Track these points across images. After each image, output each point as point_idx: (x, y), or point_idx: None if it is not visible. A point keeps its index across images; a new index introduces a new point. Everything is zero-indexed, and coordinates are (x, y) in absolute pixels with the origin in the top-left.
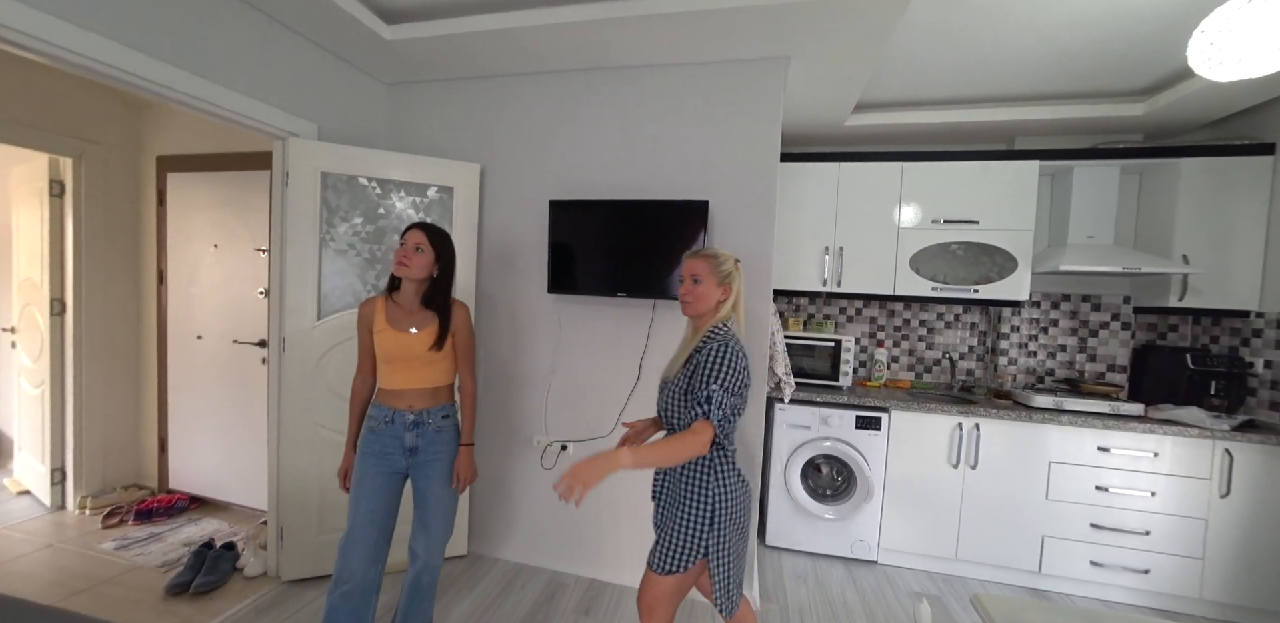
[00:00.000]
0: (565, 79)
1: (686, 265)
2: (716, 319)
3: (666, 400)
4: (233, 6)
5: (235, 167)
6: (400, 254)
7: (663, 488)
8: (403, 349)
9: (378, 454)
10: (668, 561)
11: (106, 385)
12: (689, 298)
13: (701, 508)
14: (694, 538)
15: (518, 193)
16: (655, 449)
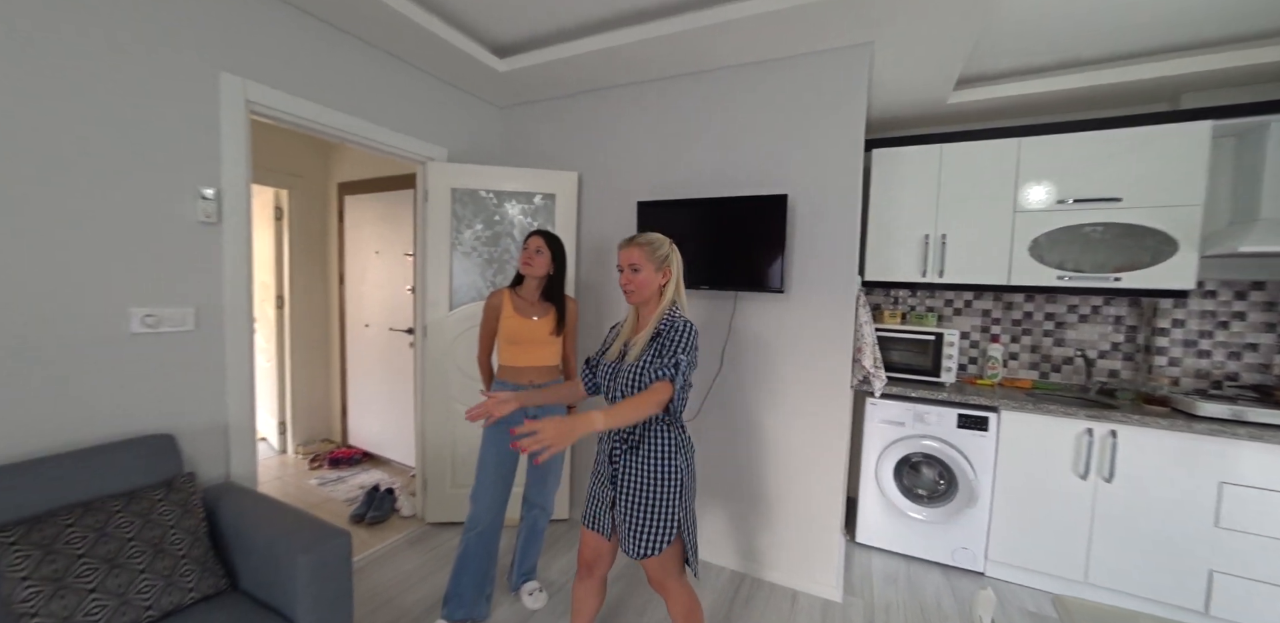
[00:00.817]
0: (653, 87)
1: (623, 255)
2: (664, 303)
3: (626, 383)
4: (381, 59)
5: (390, 187)
6: (525, 256)
7: (626, 474)
8: (527, 333)
9: (502, 422)
10: (650, 543)
11: (309, 362)
12: (630, 287)
13: (672, 486)
14: (669, 517)
15: (610, 196)
16: (624, 410)
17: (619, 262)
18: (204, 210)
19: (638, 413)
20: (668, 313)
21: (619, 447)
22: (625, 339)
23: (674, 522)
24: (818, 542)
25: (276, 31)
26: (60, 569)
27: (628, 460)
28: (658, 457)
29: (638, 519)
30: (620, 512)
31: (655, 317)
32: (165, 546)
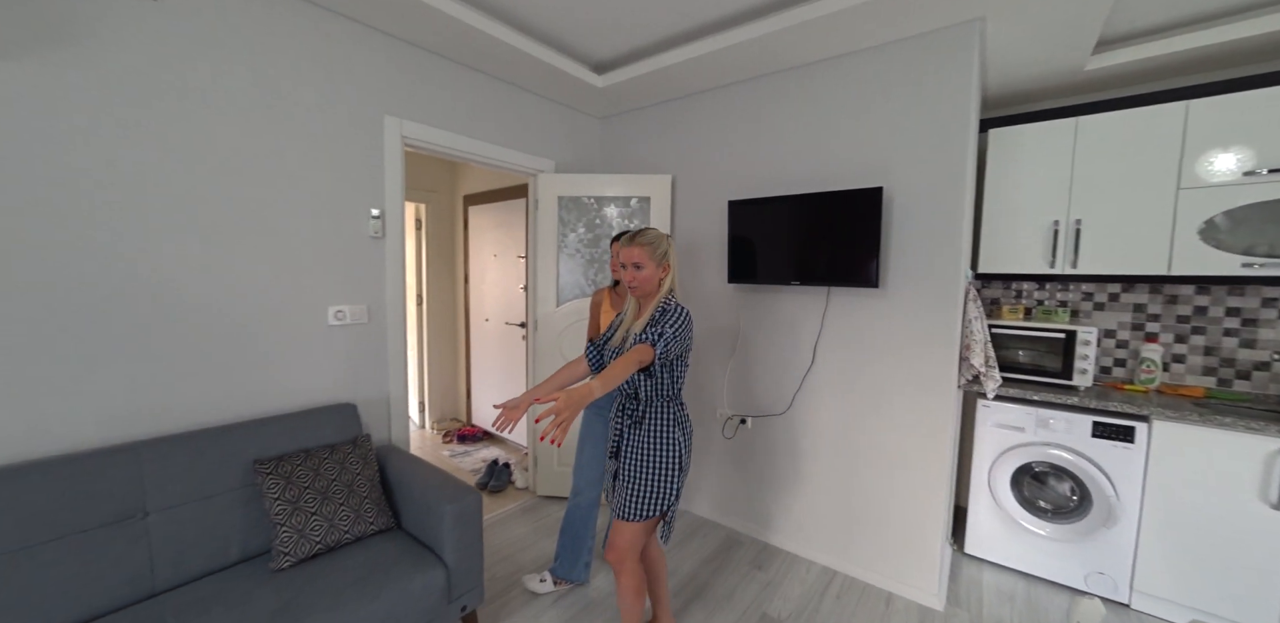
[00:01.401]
0: (740, 88)
1: (625, 254)
2: (662, 292)
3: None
4: (499, 88)
5: (506, 197)
6: (614, 264)
7: (625, 444)
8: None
9: (598, 407)
10: (643, 508)
11: (441, 351)
12: (634, 283)
13: (671, 459)
14: (667, 486)
15: (701, 196)
16: (610, 375)
17: (621, 259)
18: (374, 227)
19: (622, 371)
20: (667, 301)
21: (624, 421)
22: (627, 327)
23: (670, 492)
24: (917, 546)
25: (422, 76)
26: (295, 495)
27: (631, 434)
28: (658, 431)
29: (635, 486)
30: (620, 479)
31: (653, 305)
32: (355, 487)
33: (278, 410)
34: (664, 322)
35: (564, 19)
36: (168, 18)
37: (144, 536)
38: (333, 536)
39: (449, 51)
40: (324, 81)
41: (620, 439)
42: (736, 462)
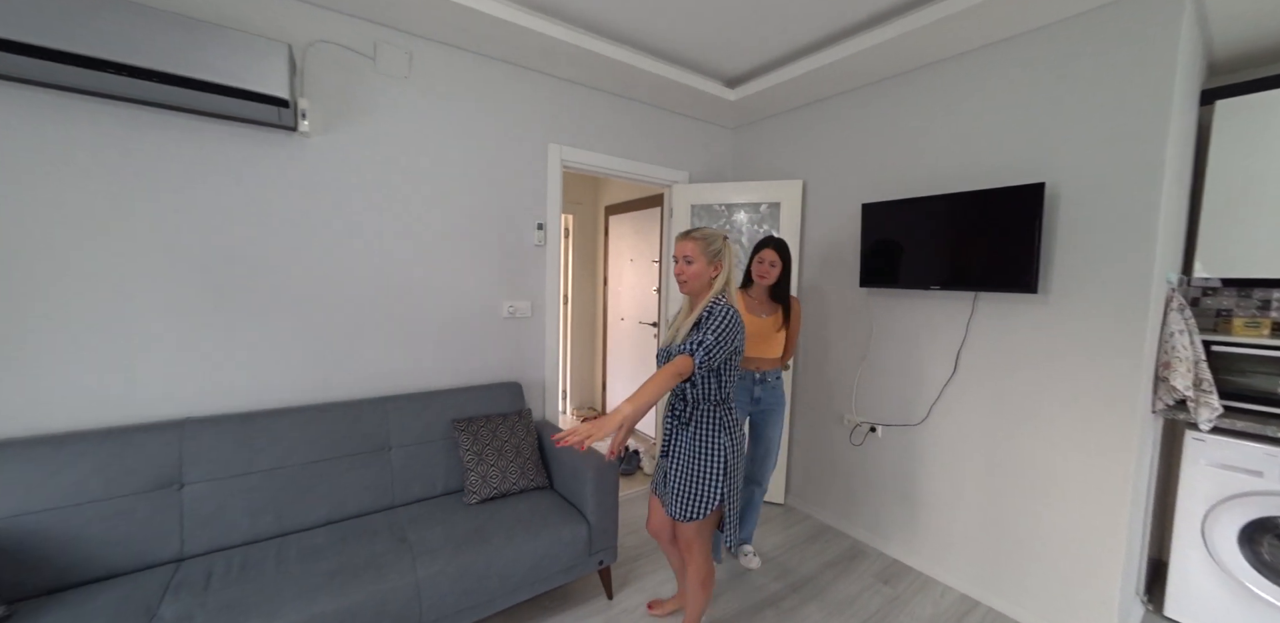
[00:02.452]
0: (873, 90)
1: (678, 247)
2: (712, 293)
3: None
4: (639, 109)
5: (642, 207)
6: (759, 269)
7: (673, 446)
8: (756, 329)
9: (742, 409)
10: (690, 510)
11: (581, 346)
12: (683, 277)
13: (717, 462)
14: (712, 488)
15: (834, 200)
16: (643, 392)
17: (674, 251)
18: (538, 237)
19: (657, 388)
20: (715, 301)
21: (672, 422)
22: (677, 326)
23: (717, 494)
24: (1086, 591)
25: (577, 107)
26: (480, 449)
27: (678, 435)
28: (704, 434)
29: (683, 488)
30: (669, 479)
31: (703, 305)
32: (520, 449)
33: (466, 383)
34: (707, 327)
35: (700, 43)
36: (414, 89)
37: (388, 464)
38: (504, 485)
39: (600, 83)
40: (502, 119)
41: (669, 439)
42: (864, 471)
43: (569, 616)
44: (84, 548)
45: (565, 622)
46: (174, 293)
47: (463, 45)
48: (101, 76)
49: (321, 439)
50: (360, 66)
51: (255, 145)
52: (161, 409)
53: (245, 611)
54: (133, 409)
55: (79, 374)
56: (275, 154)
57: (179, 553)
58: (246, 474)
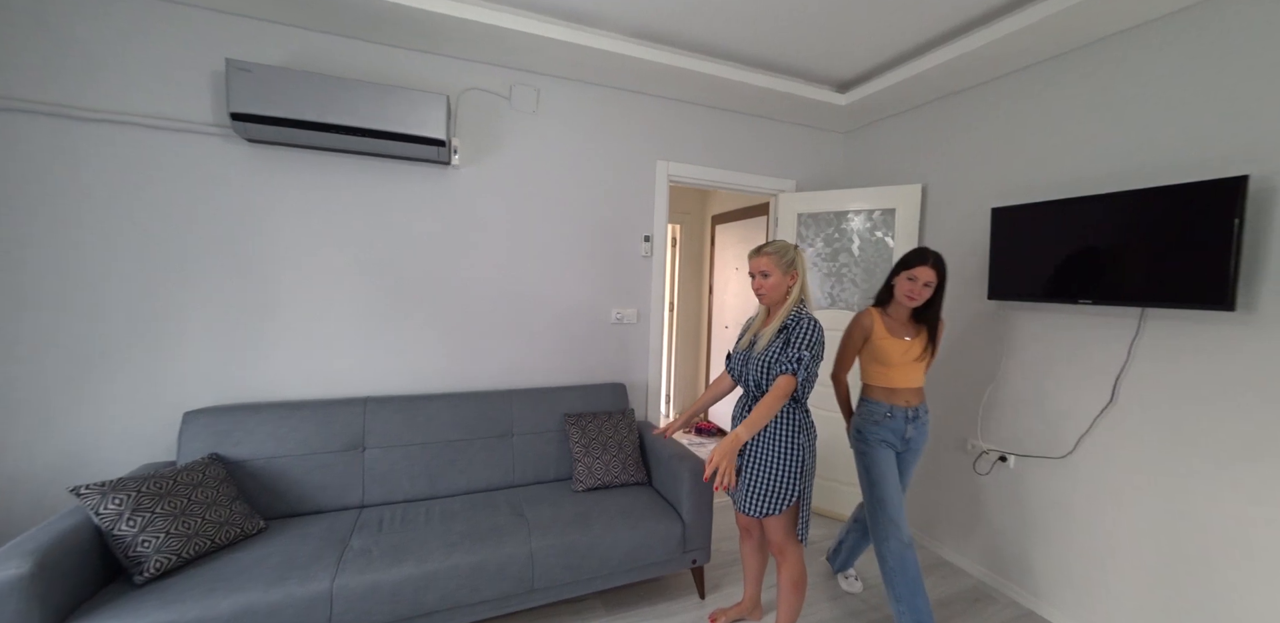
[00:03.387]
0: (1004, 83)
1: (754, 263)
2: (790, 301)
3: (756, 371)
4: (745, 121)
5: (748, 216)
6: (911, 289)
7: (752, 446)
8: (902, 354)
9: (887, 443)
10: (760, 505)
11: (686, 352)
12: (762, 290)
13: (794, 461)
14: (791, 485)
15: (957, 204)
16: (757, 416)
17: (750, 268)
18: (644, 249)
19: (769, 412)
20: (794, 310)
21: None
22: (755, 331)
23: (792, 491)
24: None
25: (683, 123)
26: (587, 442)
27: (756, 435)
28: (781, 435)
29: (757, 485)
30: (742, 477)
31: (782, 313)
32: (622, 446)
33: (577, 382)
34: (799, 342)
35: (807, 50)
36: (540, 122)
37: (510, 448)
38: (607, 477)
39: (705, 99)
40: (614, 140)
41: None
42: (992, 503)
43: (662, 609)
44: (305, 488)
45: (658, 613)
46: (359, 299)
47: (580, 78)
48: (328, 136)
49: (461, 422)
50: (498, 106)
51: (419, 179)
52: (351, 388)
53: (405, 552)
54: (333, 387)
55: (300, 359)
56: (433, 185)
57: (361, 501)
58: (408, 445)
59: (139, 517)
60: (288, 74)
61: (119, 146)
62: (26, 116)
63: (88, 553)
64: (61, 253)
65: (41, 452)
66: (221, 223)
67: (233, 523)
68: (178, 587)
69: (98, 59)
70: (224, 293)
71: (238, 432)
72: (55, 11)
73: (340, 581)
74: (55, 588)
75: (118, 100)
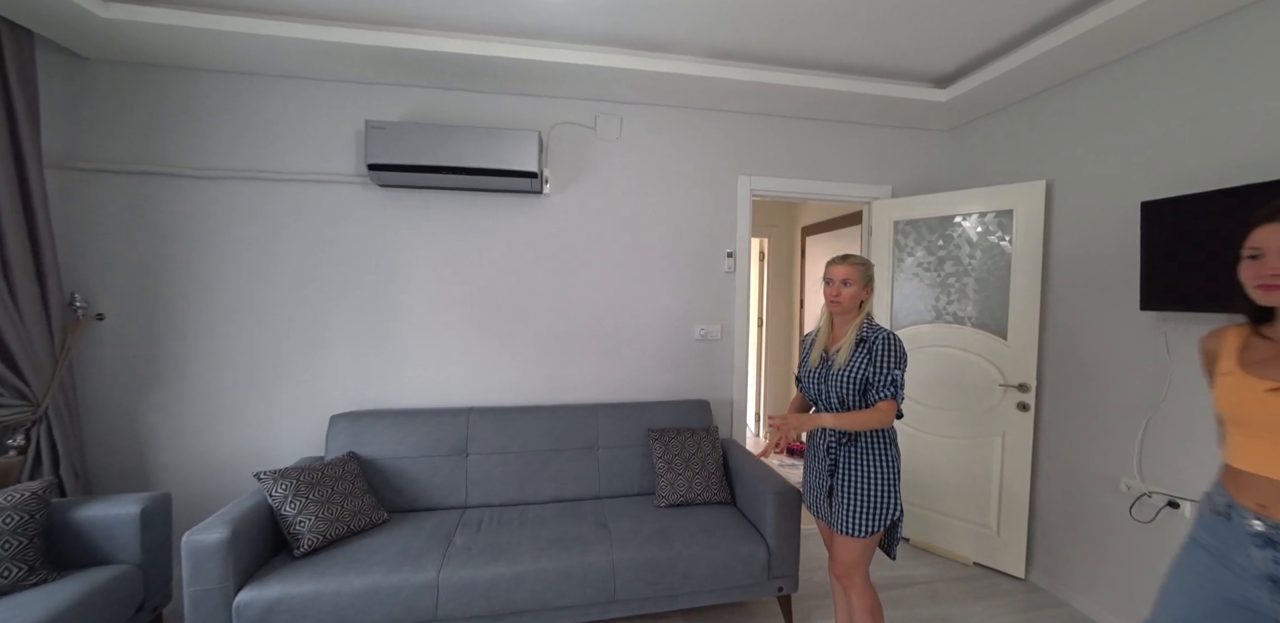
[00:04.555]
0: (1149, 57)
1: (837, 271)
2: (862, 314)
3: (840, 387)
4: (831, 128)
5: (841, 225)
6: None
7: (841, 463)
8: (1258, 407)
9: (1212, 554)
10: (867, 524)
11: (776, 369)
12: (839, 299)
13: (890, 473)
14: (888, 500)
15: (1092, 201)
16: (853, 418)
17: (829, 276)
18: (727, 264)
19: (863, 425)
20: (866, 322)
21: (839, 440)
22: (824, 346)
23: (892, 504)
24: None
25: (764, 136)
26: (670, 458)
27: (846, 452)
28: (876, 449)
29: (858, 502)
30: (839, 498)
31: (855, 325)
32: (705, 464)
33: (661, 398)
34: (887, 360)
35: (894, 48)
36: (622, 147)
37: (596, 460)
38: (690, 494)
39: (786, 111)
40: (693, 159)
41: (835, 459)
42: (1156, 557)
43: None
44: (420, 487)
45: None
46: (465, 318)
47: (659, 102)
48: (443, 177)
49: (550, 433)
50: (585, 136)
51: (515, 210)
52: (457, 398)
53: (500, 552)
54: (442, 397)
55: (417, 372)
56: (528, 214)
57: (464, 502)
58: (505, 453)
59: (298, 501)
60: (409, 127)
61: (292, 198)
62: (233, 182)
63: (265, 527)
64: (251, 280)
65: (235, 441)
66: (360, 257)
67: (364, 513)
68: (323, 562)
69: (274, 131)
70: (360, 315)
71: (367, 434)
72: (245, 94)
73: (445, 573)
74: (244, 552)
75: (286, 162)
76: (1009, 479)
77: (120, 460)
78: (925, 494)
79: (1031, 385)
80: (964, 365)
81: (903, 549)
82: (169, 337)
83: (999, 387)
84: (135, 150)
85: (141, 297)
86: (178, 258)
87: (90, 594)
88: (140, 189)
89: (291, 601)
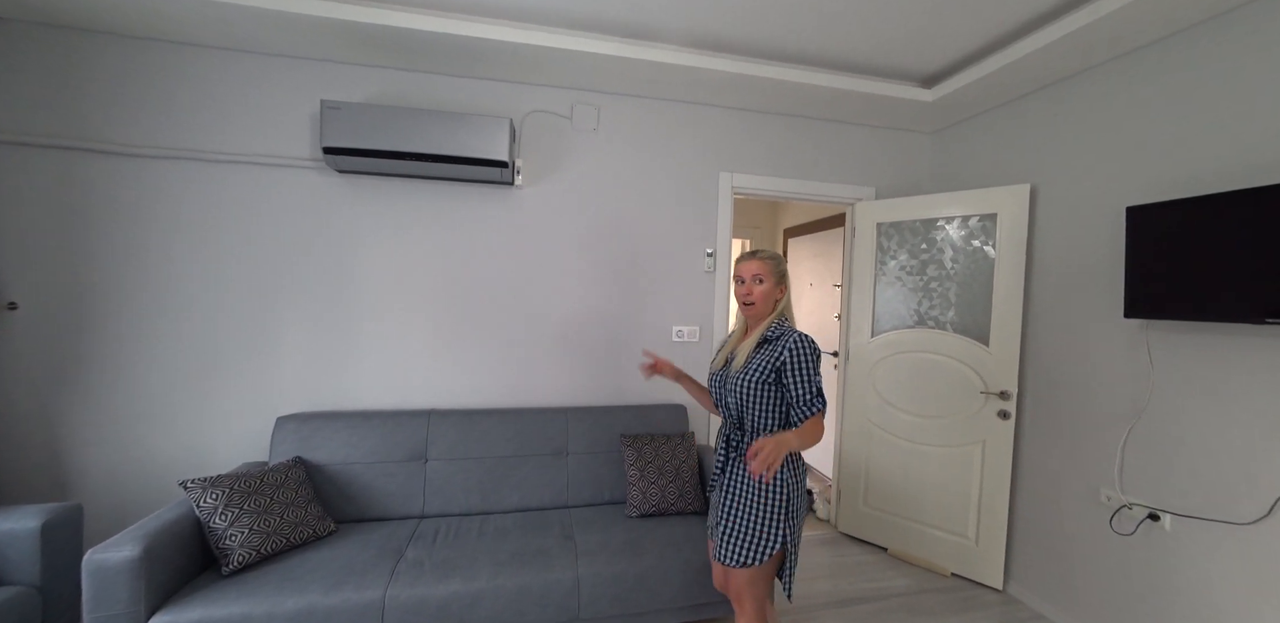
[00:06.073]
0: (1138, 57)
1: (746, 267)
2: (775, 314)
3: (740, 392)
4: (817, 127)
5: (823, 228)
6: None
7: (732, 482)
8: None
9: None
10: (745, 553)
11: None
12: (752, 298)
13: (778, 499)
14: (773, 529)
15: (1076, 205)
16: (805, 436)
17: (739, 273)
18: (707, 264)
19: (812, 443)
20: (777, 323)
21: (731, 454)
22: (731, 348)
23: (778, 535)
24: None
25: (747, 132)
26: (643, 465)
27: (735, 469)
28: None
29: (739, 528)
30: (722, 519)
31: (764, 326)
32: (680, 471)
33: (635, 402)
34: (804, 368)
35: (881, 45)
36: (600, 139)
37: (565, 467)
38: (663, 503)
39: (770, 107)
40: (674, 153)
41: (722, 472)
42: (1137, 571)
43: None
44: (372, 495)
45: None
46: (428, 313)
47: (639, 93)
48: (405, 164)
49: (516, 437)
50: (560, 126)
51: (484, 201)
52: (417, 400)
53: (455, 567)
54: (400, 398)
55: (375, 370)
56: (497, 205)
57: (421, 512)
58: (465, 459)
59: (230, 512)
60: (370, 109)
61: (238, 182)
62: (170, 162)
63: (188, 542)
64: (189, 269)
65: (165, 445)
66: (314, 247)
67: (307, 524)
68: (254, 581)
69: (221, 109)
70: (315, 308)
71: (318, 437)
72: (190, 67)
73: (392, 591)
74: (160, 571)
75: (234, 143)
76: (988, 489)
77: (32, 465)
78: (902, 503)
79: (1013, 393)
80: (945, 372)
81: (880, 559)
82: (91, 328)
83: (980, 394)
84: (60, 123)
85: (61, 284)
86: (105, 242)
87: None
88: (64, 165)
89: None
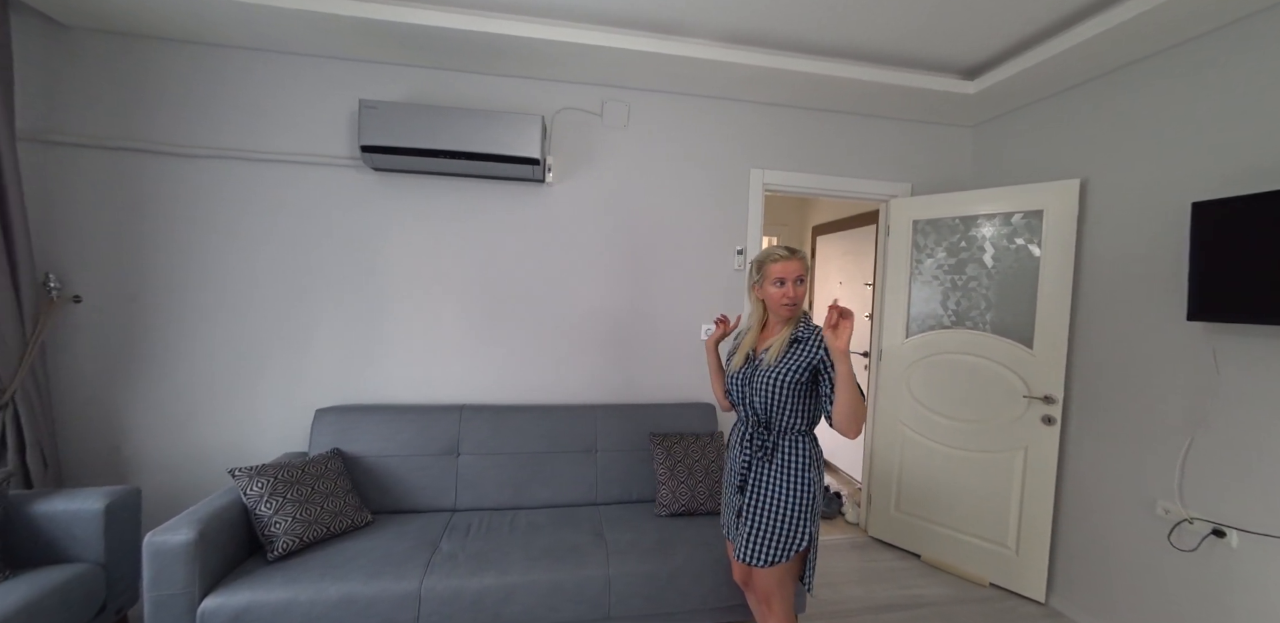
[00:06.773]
0: (1200, 46)
1: (788, 268)
2: (798, 311)
3: (769, 391)
4: (850, 121)
5: (854, 225)
6: None
7: (753, 480)
8: None
9: None
10: (771, 552)
11: None
12: (796, 300)
13: (805, 497)
14: (799, 528)
15: (1133, 201)
16: (854, 389)
17: (780, 274)
18: (737, 262)
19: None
20: (804, 321)
21: (756, 454)
22: (750, 347)
23: (803, 534)
24: None
25: (779, 128)
26: (672, 464)
27: (760, 468)
28: (793, 467)
29: (764, 527)
30: (745, 519)
31: (790, 324)
32: (709, 471)
33: (664, 400)
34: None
35: (920, 35)
36: (630, 136)
37: (594, 464)
38: (692, 503)
39: (803, 102)
40: (705, 150)
41: (747, 472)
42: (1200, 590)
43: None
44: (407, 487)
45: None
46: (460, 309)
47: (670, 89)
48: (438, 161)
49: (547, 434)
50: (590, 123)
51: (515, 198)
52: (449, 395)
53: (488, 561)
54: (433, 393)
55: (407, 364)
56: (527, 203)
57: (453, 505)
58: (497, 454)
59: (275, 500)
60: (406, 108)
61: (277, 179)
62: (206, 160)
63: (237, 528)
64: (233, 265)
65: (212, 435)
66: (349, 244)
67: (345, 514)
68: (298, 568)
69: (264, 109)
70: (350, 303)
71: (354, 430)
72: (234, 69)
73: (428, 583)
74: (212, 554)
75: (276, 142)
76: (1030, 497)
77: (93, 451)
78: (937, 509)
79: (1058, 398)
80: (984, 374)
81: (913, 566)
82: (149, 321)
83: (1022, 398)
84: (116, 125)
85: (121, 279)
86: (159, 239)
87: (44, 595)
88: (121, 165)
89: (261, 609)
